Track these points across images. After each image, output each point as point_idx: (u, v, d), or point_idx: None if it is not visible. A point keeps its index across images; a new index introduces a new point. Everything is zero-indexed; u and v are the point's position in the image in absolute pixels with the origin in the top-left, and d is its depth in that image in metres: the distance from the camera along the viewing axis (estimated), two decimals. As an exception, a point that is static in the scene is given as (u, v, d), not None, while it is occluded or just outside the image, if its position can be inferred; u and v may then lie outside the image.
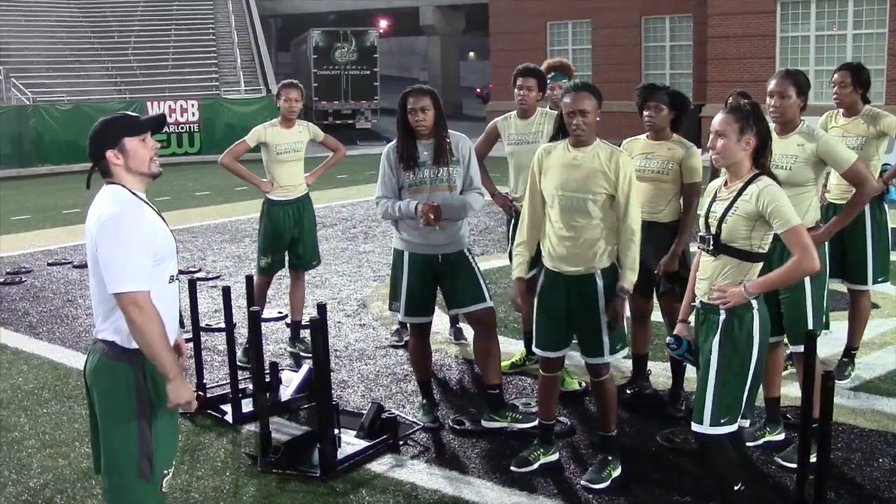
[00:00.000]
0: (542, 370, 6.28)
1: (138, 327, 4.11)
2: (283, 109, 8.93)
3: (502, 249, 13.45)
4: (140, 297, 4.11)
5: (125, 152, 4.33)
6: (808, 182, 6.16)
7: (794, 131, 6.20)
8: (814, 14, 27.81)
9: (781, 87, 6.17)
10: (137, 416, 4.27)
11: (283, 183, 8.94)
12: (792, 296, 6.19)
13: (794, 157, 6.13)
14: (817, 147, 6.09)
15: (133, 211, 4.24)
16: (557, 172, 5.90)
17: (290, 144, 8.90)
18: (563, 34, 36.56)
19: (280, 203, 8.96)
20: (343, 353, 9.02)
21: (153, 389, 4.30)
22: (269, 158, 8.93)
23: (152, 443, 4.31)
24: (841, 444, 6.47)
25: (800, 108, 6.24)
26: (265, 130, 8.93)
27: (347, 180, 24.00)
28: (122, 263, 4.11)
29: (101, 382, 4.33)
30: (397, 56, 77.59)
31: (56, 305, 11.43)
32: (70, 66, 37.96)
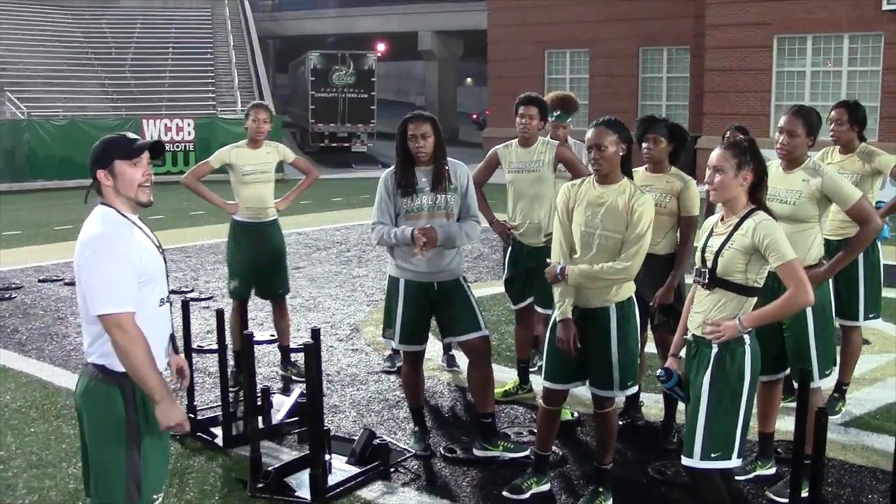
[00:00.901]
0: (545, 402, 6.21)
1: (122, 349, 4.09)
2: (250, 130, 8.77)
3: (496, 276, 13.43)
4: (124, 319, 4.09)
5: (115, 175, 4.30)
6: (811, 218, 6.14)
7: (799, 167, 6.19)
8: (810, 50, 28.03)
9: (791, 126, 6.15)
10: (126, 441, 4.23)
11: (249, 205, 8.76)
12: (794, 334, 6.17)
13: (799, 193, 6.11)
14: (822, 183, 6.07)
15: (117, 232, 4.21)
16: (583, 208, 5.86)
17: (257, 166, 8.72)
18: (561, 63, 36.69)
19: (246, 225, 8.81)
20: (335, 377, 8.97)
21: (143, 413, 4.26)
22: (236, 180, 8.75)
23: (141, 467, 4.27)
24: (831, 480, 6.46)
25: (808, 146, 6.23)
26: (230, 152, 8.78)
27: (342, 203, 24.00)
28: (105, 284, 4.08)
29: (90, 406, 4.29)
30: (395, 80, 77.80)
31: (46, 323, 11.37)
32: (66, 82, 38.04)
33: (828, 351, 6.29)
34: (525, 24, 36.64)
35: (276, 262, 8.99)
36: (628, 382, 5.98)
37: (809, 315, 6.08)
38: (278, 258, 9.02)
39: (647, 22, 33.25)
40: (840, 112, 7.45)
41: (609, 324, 5.87)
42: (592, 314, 5.90)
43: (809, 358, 6.15)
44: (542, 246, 7.56)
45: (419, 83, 69.80)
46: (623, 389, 5.99)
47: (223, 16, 46.95)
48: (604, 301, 5.86)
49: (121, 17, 45.87)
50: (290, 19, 62.86)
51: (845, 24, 27.25)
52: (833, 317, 6.42)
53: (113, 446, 4.24)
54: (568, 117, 8.41)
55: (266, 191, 8.84)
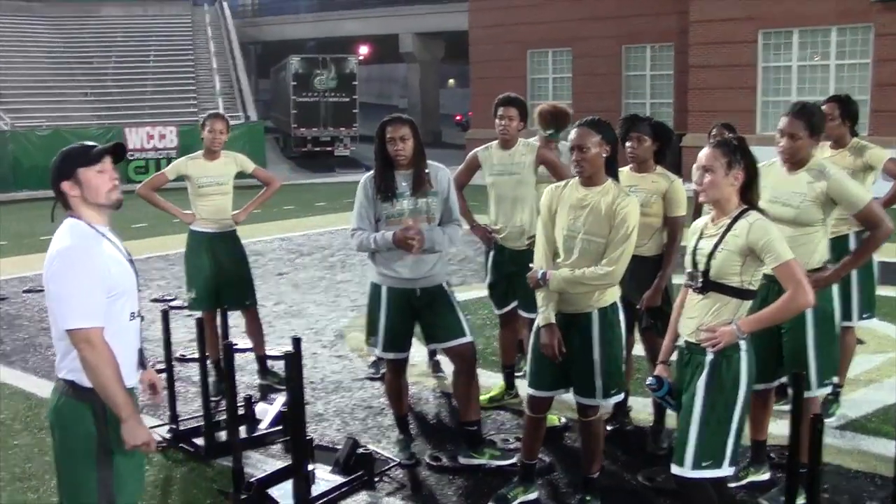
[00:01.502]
0: (530, 410, 6.10)
1: (90, 365, 4.00)
2: (206, 141, 8.60)
3: (482, 279, 13.29)
4: (93, 334, 4.01)
5: (80, 183, 4.25)
6: (815, 222, 5.87)
7: (803, 168, 5.91)
8: (796, 44, 27.82)
9: (791, 128, 5.84)
10: (97, 458, 4.15)
11: (205, 216, 8.64)
12: (792, 338, 5.97)
13: (803, 196, 5.84)
14: (828, 186, 5.79)
15: (86, 245, 4.14)
16: (566, 212, 5.73)
17: (214, 178, 8.58)
18: (543, 62, 36.58)
19: (202, 235, 8.70)
20: (319, 385, 8.87)
21: (114, 429, 4.16)
22: (192, 191, 8.63)
23: (113, 485, 4.19)
24: (828, 486, 6.29)
25: (813, 147, 5.98)
26: (186, 163, 8.66)
27: (326, 208, 23.92)
28: (74, 299, 4.01)
29: (60, 423, 4.22)
30: (377, 83, 77.76)
31: (31, 333, 11.26)
32: (49, 92, 37.93)
33: (829, 359, 6.05)
34: (506, 24, 36.54)
35: (237, 273, 8.84)
36: (612, 390, 5.86)
37: (809, 320, 5.87)
38: (239, 268, 8.88)
39: (629, 19, 33.14)
40: (831, 107, 7.31)
41: (591, 330, 5.75)
42: (575, 320, 5.79)
43: (807, 365, 5.92)
44: (525, 249, 7.43)
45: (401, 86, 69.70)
46: (607, 397, 5.87)
47: (203, 22, 46.82)
48: (586, 306, 5.74)
49: (102, 26, 45.69)
50: (271, 24, 62.70)
51: (832, 17, 27.00)
52: (837, 324, 6.13)
53: (84, 463, 4.15)
54: (560, 133, 8.21)
55: (224, 202, 8.71)
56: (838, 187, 5.79)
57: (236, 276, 8.80)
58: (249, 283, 8.98)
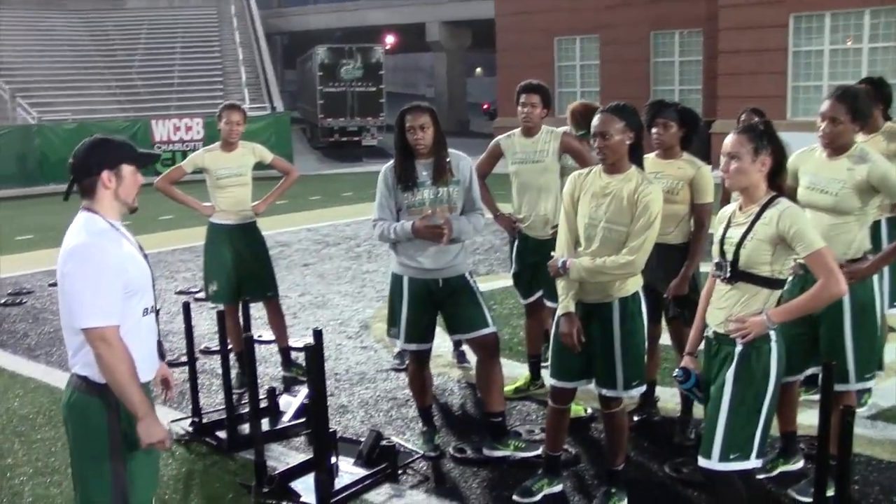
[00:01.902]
0: (553, 401, 6.01)
1: (106, 364, 3.95)
2: (223, 132, 8.52)
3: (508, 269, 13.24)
4: (108, 333, 3.95)
5: (120, 178, 4.19)
6: (854, 210, 5.65)
7: (844, 154, 5.70)
8: (828, 27, 27.40)
9: (833, 112, 5.62)
10: (111, 454, 4.11)
11: (224, 208, 8.58)
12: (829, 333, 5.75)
13: (842, 183, 5.63)
14: (868, 171, 5.58)
15: (103, 241, 4.06)
16: (588, 200, 5.62)
17: (232, 169, 8.52)
18: (570, 50, 36.40)
19: (221, 227, 8.63)
20: (343, 376, 8.81)
21: (128, 425, 4.12)
22: (211, 184, 8.57)
23: (128, 480, 4.15)
24: (858, 477, 6.19)
25: (855, 132, 5.75)
26: (204, 156, 8.59)
27: (353, 198, 23.89)
28: (90, 297, 3.94)
29: (73, 418, 4.18)
30: (403, 72, 77.73)
31: (55, 327, 11.22)
32: (75, 85, 38.04)
33: (868, 353, 5.80)
34: (533, 11, 36.37)
35: (257, 265, 8.78)
36: (633, 382, 5.73)
37: (847, 311, 5.66)
38: (260, 260, 8.81)
39: (657, 5, 32.92)
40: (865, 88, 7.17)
41: (612, 320, 5.64)
42: (595, 309, 5.68)
43: (844, 357, 5.71)
44: (549, 238, 7.31)
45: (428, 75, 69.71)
46: (628, 389, 5.74)
47: (229, 14, 46.88)
48: (606, 296, 5.63)
49: (127, 19, 45.88)
50: (297, 14, 62.78)
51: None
52: (879, 316, 5.88)
53: (98, 458, 4.12)
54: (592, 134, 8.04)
55: (243, 193, 8.64)
56: (879, 174, 5.59)
57: (257, 268, 8.74)
58: (271, 275, 8.92)
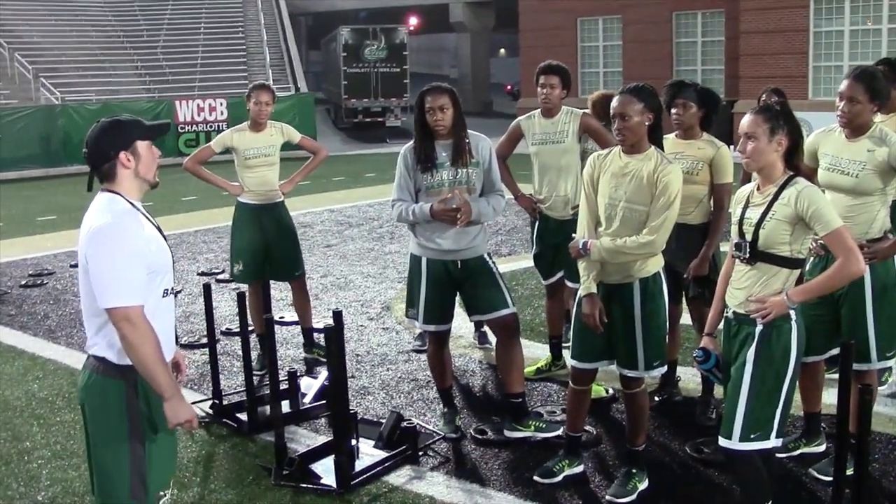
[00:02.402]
0: (574, 382, 6.01)
1: (131, 344, 3.93)
2: (252, 112, 8.56)
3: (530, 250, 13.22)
4: (133, 313, 3.93)
5: (137, 155, 4.18)
6: (875, 191, 5.64)
7: (864, 135, 5.68)
8: (848, 8, 27.36)
9: (851, 91, 5.60)
10: (129, 436, 4.10)
11: (252, 188, 8.59)
12: (851, 313, 5.75)
13: (863, 164, 5.62)
14: (889, 153, 5.57)
15: (126, 221, 4.05)
16: (607, 180, 5.62)
17: (260, 149, 8.54)
18: (593, 30, 36.26)
19: (249, 206, 8.65)
20: (365, 357, 8.82)
21: (146, 407, 4.12)
22: (239, 164, 8.59)
23: (146, 463, 4.14)
24: (878, 456, 6.19)
25: (874, 112, 5.73)
26: (232, 136, 8.60)
27: (376, 179, 23.89)
28: (115, 277, 3.93)
29: (91, 400, 4.17)
30: (427, 53, 77.51)
31: (76, 309, 11.25)
32: (99, 66, 38.09)
33: (890, 332, 5.79)
34: (556, -9, 36.29)
35: (285, 244, 8.79)
36: (654, 362, 5.74)
37: (868, 291, 5.67)
38: (287, 239, 8.81)
39: (680, -15, 32.83)
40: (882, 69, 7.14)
41: (633, 300, 5.64)
42: (616, 290, 5.68)
43: (866, 336, 5.70)
44: (570, 219, 7.30)
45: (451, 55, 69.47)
46: (649, 369, 5.75)
47: (254, -6, 46.85)
48: (626, 277, 5.62)
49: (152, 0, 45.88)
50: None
51: (886, -21, 26.62)
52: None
53: (115, 441, 4.11)
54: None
55: (271, 173, 8.67)
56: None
57: (284, 248, 8.75)
58: (298, 254, 8.94)
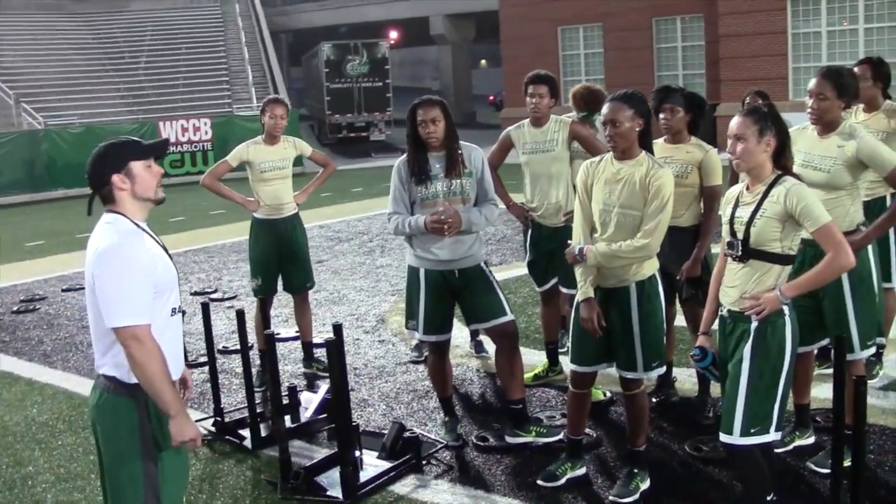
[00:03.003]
0: (573, 385, 6.10)
1: (138, 363, 4.00)
2: (267, 126, 8.67)
3: (521, 258, 13.29)
4: (140, 332, 4.00)
5: (132, 177, 4.23)
6: (846, 185, 5.87)
7: (834, 132, 5.90)
8: (825, 9, 27.66)
9: (819, 88, 5.83)
10: (142, 453, 4.16)
11: (268, 202, 8.69)
12: (833, 305, 5.93)
13: (833, 160, 5.83)
14: (857, 148, 5.78)
15: (132, 241, 4.13)
16: (601, 187, 5.73)
17: (275, 163, 8.65)
18: (574, 39, 36.44)
19: (266, 222, 8.76)
20: (363, 370, 8.88)
21: (157, 425, 4.19)
22: (254, 177, 8.69)
23: (159, 480, 4.21)
24: (873, 447, 6.31)
25: (842, 108, 5.92)
26: (248, 149, 8.69)
27: (363, 193, 23.98)
28: (121, 296, 4.00)
29: (103, 419, 4.23)
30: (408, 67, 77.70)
31: (70, 332, 11.33)
32: (80, 89, 38.10)
33: (870, 321, 6.01)
34: (536, 2, 36.39)
35: (298, 257, 8.92)
36: (653, 363, 5.85)
37: (846, 283, 5.84)
38: (301, 252, 8.95)
39: (658, -8, 33.04)
40: (863, 69, 7.33)
41: (630, 303, 5.74)
42: (613, 294, 5.79)
43: (848, 328, 5.91)
44: (562, 226, 7.45)
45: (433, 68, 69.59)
46: (648, 370, 5.86)
47: (234, 13, 46.92)
48: (623, 280, 5.74)
49: (132, 21, 45.91)
50: (301, 12, 62.75)
51: (860, -20, 26.93)
52: (876, 284, 6.08)
53: (129, 458, 4.17)
54: (594, 115, 8.13)
55: (285, 186, 8.78)
56: (868, 149, 5.79)
57: (299, 260, 8.93)
58: (310, 266, 9.16)
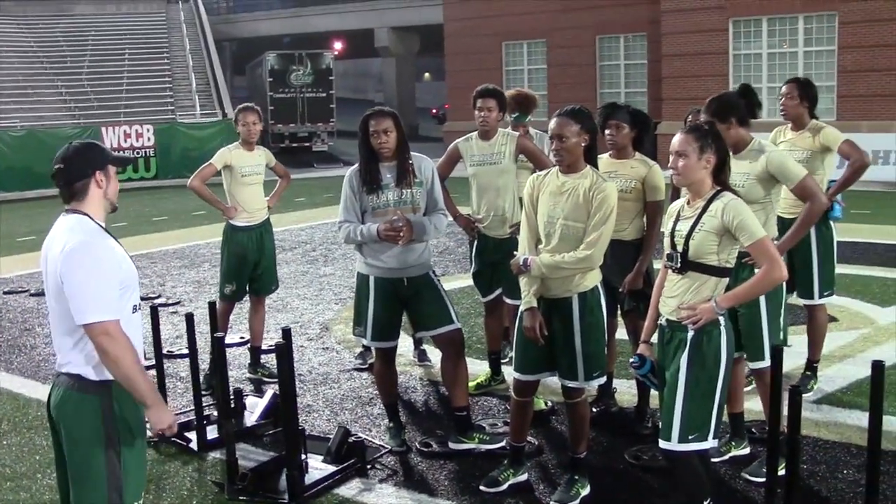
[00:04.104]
0: (516, 393, 6.21)
1: (112, 357, 4.08)
2: (242, 134, 8.86)
3: (463, 270, 13.45)
4: (111, 327, 4.08)
5: (108, 178, 4.38)
6: (761, 199, 6.18)
7: (744, 149, 6.23)
8: (765, 32, 28.27)
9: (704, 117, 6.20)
10: (105, 449, 4.23)
11: (246, 207, 8.85)
12: (748, 313, 6.19)
13: (746, 175, 6.15)
14: (766, 162, 6.13)
15: (99, 240, 4.23)
16: (546, 199, 5.87)
17: (253, 167, 8.86)
18: (518, 54, 36.75)
19: (244, 229, 8.89)
20: (307, 377, 8.95)
21: (121, 420, 4.26)
22: (233, 181, 8.83)
23: (122, 475, 4.27)
24: (806, 457, 6.51)
25: (734, 129, 6.20)
26: (230, 153, 8.86)
27: (306, 203, 24.00)
28: (93, 294, 4.08)
29: (67, 416, 4.28)
30: (353, 78, 77.61)
31: (13, 335, 11.28)
32: (22, 92, 37.69)
33: (778, 330, 6.30)
34: (481, 16, 36.68)
35: (270, 260, 9.17)
36: (594, 373, 5.98)
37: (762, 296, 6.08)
38: (272, 255, 9.21)
39: (602, 10, 33.37)
40: (790, 87, 7.58)
41: (572, 314, 5.88)
42: (556, 304, 5.92)
43: (761, 337, 6.20)
44: (508, 237, 7.62)
45: (377, 80, 69.58)
46: (589, 380, 5.99)
47: (178, 20, 46.71)
48: (565, 291, 5.87)
49: (75, 25, 45.51)
50: (245, 21, 62.57)
51: (799, 6, 27.53)
52: (784, 294, 6.39)
53: (92, 455, 4.23)
54: (526, 117, 8.41)
55: (259, 192, 9.03)
56: (777, 162, 6.16)
57: (269, 264, 9.15)
58: (276, 269, 9.40)
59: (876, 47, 26.48)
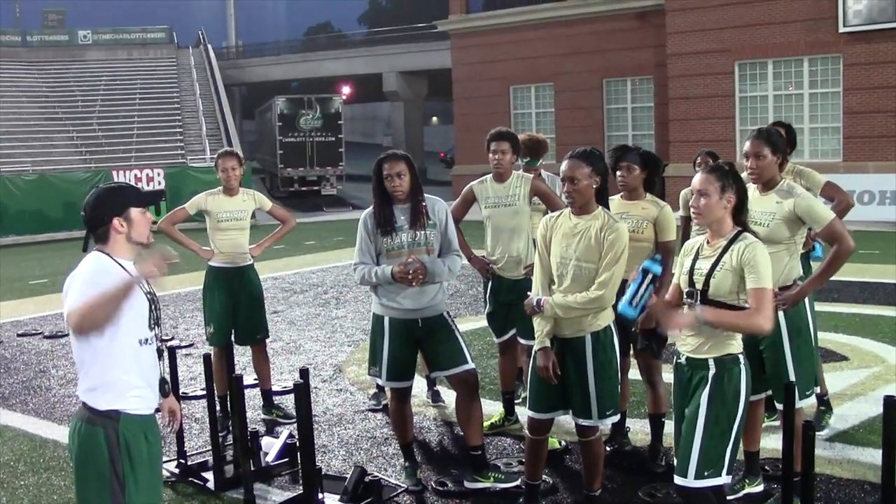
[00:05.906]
0: (531, 432, 6.26)
1: (87, 309, 4.00)
2: (222, 180, 8.84)
3: (475, 312, 13.53)
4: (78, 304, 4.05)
5: (130, 221, 4.44)
6: (785, 240, 6.20)
7: (773, 189, 6.25)
8: (771, 74, 28.46)
9: (756, 149, 6.21)
10: (110, 484, 4.29)
11: (224, 251, 8.81)
12: (773, 357, 6.21)
13: (772, 215, 6.17)
14: (795, 204, 6.13)
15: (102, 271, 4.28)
16: (559, 240, 5.95)
17: (232, 213, 8.79)
18: (526, 98, 36.95)
19: (221, 270, 8.86)
20: (321, 418, 9.00)
21: (126, 456, 4.32)
22: (211, 226, 8.83)
23: None
24: (820, 494, 6.54)
25: (777, 164, 6.29)
26: (206, 198, 8.86)
27: (316, 246, 24.07)
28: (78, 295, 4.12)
29: (77, 446, 4.38)
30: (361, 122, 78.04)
31: (28, 377, 11.35)
32: (35, 137, 37.99)
33: (807, 372, 6.32)
34: (489, 61, 36.93)
35: (253, 306, 8.99)
36: (608, 411, 6.03)
37: (785, 336, 6.15)
38: (256, 302, 9.03)
39: (609, 54, 33.60)
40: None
41: (585, 353, 5.94)
42: (569, 344, 5.98)
43: (787, 378, 6.15)
44: (522, 278, 7.69)
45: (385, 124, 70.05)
46: (602, 418, 6.04)
47: (188, 65, 47.13)
48: (578, 331, 5.93)
49: (87, 70, 45.99)
50: (255, 66, 63.06)
51: (804, 48, 27.71)
52: (813, 337, 6.41)
53: (98, 489, 4.30)
54: (538, 161, 8.52)
55: (241, 238, 8.90)
56: (804, 205, 6.14)
57: (251, 311, 8.96)
58: (263, 317, 9.15)
59: (880, 89, 26.70)
